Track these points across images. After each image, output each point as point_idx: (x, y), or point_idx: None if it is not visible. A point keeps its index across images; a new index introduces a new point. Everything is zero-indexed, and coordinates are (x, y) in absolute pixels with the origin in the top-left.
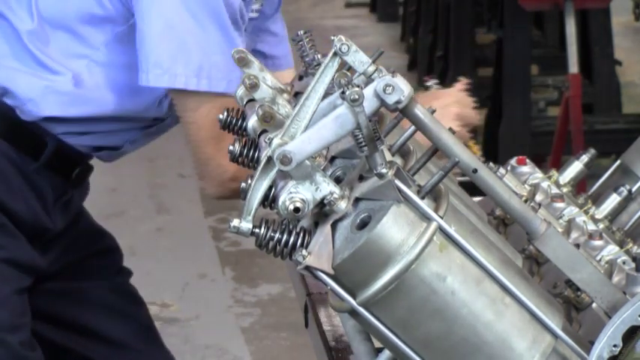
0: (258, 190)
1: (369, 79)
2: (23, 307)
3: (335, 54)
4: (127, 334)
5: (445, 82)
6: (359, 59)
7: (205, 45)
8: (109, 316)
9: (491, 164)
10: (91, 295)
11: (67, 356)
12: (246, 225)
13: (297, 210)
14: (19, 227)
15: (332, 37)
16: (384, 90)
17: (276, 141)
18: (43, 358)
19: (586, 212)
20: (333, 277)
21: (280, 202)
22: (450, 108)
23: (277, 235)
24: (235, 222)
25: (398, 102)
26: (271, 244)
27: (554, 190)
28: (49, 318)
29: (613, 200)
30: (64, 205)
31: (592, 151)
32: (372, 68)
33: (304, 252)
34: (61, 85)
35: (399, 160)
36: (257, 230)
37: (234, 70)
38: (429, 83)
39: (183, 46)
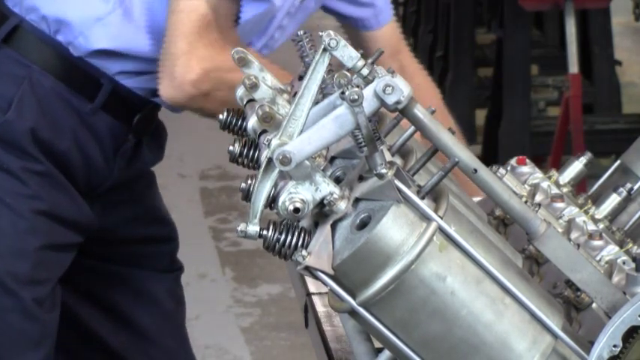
0: (261, 193)
1: (359, 74)
2: (54, 262)
3: (324, 49)
4: (158, 330)
5: (445, 82)
6: (348, 54)
7: None
8: (148, 309)
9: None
10: (137, 283)
11: (84, 333)
12: (253, 228)
13: (296, 210)
14: (69, 174)
15: (320, 33)
16: (384, 90)
17: (274, 141)
18: (57, 322)
19: (586, 212)
20: (333, 278)
21: (280, 203)
22: None
23: (283, 237)
24: (242, 226)
25: (397, 102)
26: (277, 245)
27: (554, 190)
28: (86, 295)
29: (613, 200)
30: (128, 154)
31: (588, 153)
32: (360, 63)
33: (304, 252)
34: (108, 15)
35: (399, 160)
36: (265, 233)
37: None
38: None
39: None
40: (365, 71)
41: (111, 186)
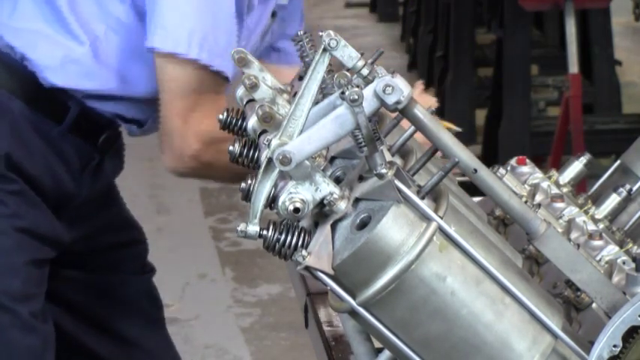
0: (261, 193)
1: (359, 74)
2: (39, 277)
3: (324, 50)
4: (140, 333)
5: (445, 82)
6: (348, 54)
7: (213, 19)
8: (128, 314)
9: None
10: (114, 290)
11: (73, 346)
12: (253, 228)
13: (296, 210)
14: (41, 194)
15: (320, 33)
16: (384, 90)
17: (274, 141)
18: (53, 332)
19: (586, 212)
20: (333, 278)
21: (280, 203)
22: None
23: (283, 237)
24: (242, 226)
25: (397, 102)
26: (277, 245)
27: (554, 190)
28: (66, 305)
29: (613, 200)
30: (93, 172)
31: (588, 154)
32: (360, 63)
33: (304, 252)
34: (80, 55)
35: (399, 160)
36: (265, 233)
37: (229, 52)
38: None
39: (193, 15)
40: (365, 71)
41: (79, 204)
